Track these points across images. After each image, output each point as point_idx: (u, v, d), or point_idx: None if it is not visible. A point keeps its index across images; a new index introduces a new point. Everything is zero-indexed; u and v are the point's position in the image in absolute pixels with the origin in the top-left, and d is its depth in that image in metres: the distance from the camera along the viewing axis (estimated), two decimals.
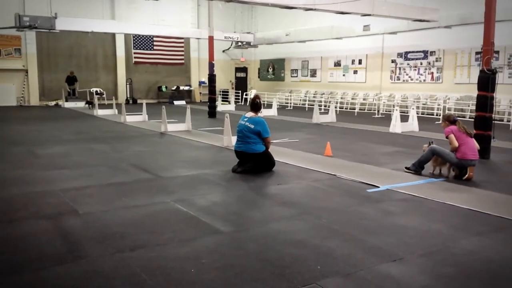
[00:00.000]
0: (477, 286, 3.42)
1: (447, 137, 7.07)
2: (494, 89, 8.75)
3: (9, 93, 23.42)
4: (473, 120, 9.27)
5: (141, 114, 15.81)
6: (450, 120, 7.23)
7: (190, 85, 28.46)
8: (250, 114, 7.48)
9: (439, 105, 17.99)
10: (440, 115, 16.85)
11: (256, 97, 7.69)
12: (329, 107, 16.82)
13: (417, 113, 14.01)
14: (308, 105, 22.38)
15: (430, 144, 7.30)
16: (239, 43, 26.07)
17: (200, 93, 28.40)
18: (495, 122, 9.41)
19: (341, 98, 22.65)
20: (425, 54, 19.76)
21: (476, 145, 7.11)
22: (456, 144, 6.91)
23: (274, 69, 28.85)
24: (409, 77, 20.52)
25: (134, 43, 26.68)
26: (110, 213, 5.12)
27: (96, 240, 4.23)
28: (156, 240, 4.24)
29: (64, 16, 19.10)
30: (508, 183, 6.90)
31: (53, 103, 23.88)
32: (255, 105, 7.54)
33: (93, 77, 25.73)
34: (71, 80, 23.81)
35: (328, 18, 19.30)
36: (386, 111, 19.59)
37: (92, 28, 20.26)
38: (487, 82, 8.70)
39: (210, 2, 17.06)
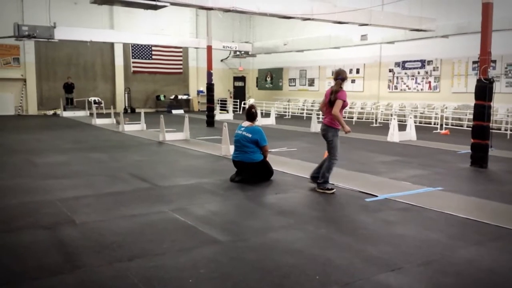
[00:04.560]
0: None
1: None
2: (492, 98, 8.78)
3: (7, 102, 23.40)
4: (470, 129, 9.29)
5: (139, 123, 15.82)
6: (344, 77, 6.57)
7: (188, 94, 28.50)
8: (246, 123, 7.49)
9: (436, 114, 18.03)
10: (437, 124, 16.91)
11: (252, 106, 7.71)
12: None
13: (414, 122, 14.04)
14: (306, 114, 22.42)
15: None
16: (237, 53, 26.16)
17: (198, 102, 28.43)
18: (493, 131, 9.44)
19: None
20: (423, 63, 19.85)
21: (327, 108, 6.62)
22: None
23: (272, 78, 28.93)
24: (407, 86, 20.59)
25: (132, 53, 26.75)
26: (107, 222, 5.10)
27: (94, 250, 4.21)
28: (154, 249, 4.22)
29: (63, 26, 19.16)
30: (505, 192, 6.90)
31: (51, 112, 23.88)
32: (251, 114, 7.56)
33: (92, 86, 25.76)
34: (68, 87, 23.81)
35: (326, 28, 19.40)
36: (384, 120, 19.64)
37: (91, 38, 20.31)
38: (484, 91, 8.72)
39: (208, 12, 17.13)
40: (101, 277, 3.62)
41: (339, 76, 6.51)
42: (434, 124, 17.60)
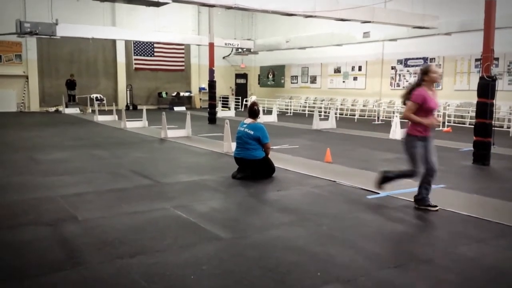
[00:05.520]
0: None
1: None
2: (494, 95, 8.76)
3: (9, 99, 23.46)
4: (473, 126, 9.27)
5: (141, 120, 15.82)
6: None
7: (190, 91, 28.51)
8: (248, 120, 7.49)
9: (439, 111, 17.99)
10: (440, 122, 16.87)
11: (254, 103, 7.71)
12: (329, 113, 16.84)
13: None
14: (308, 111, 22.40)
15: None
16: (239, 50, 26.12)
17: (200, 99, 28.44)
18: (495, 128, 9.41)
19: (341, 104, 22.67)
20: (425, 60, 19.79)
21: None
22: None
23: (274, 76, 28.90)
24: (409, 83, 20.53)
25: (134, 49, 26.75)
26: (109, 219, 5.11)
27: (96, 246, 4.21)
28: (155, 246, 4.23)
29: (65, 23, 19.14)
30: (508, 189, 6.89)
31: (53, 109, 23.91)
32: (253, 111, 7.56)
33: (94, 83, 25.78)
34: (71, 84, 23.86)
35: (328, 25, 19.36)
36: (386, 117, 19.61)
37: (93, 35, 20.32)
38: (487, 88, 8.70)
39: (210, 9, 17.12)
40: (102, 273, 3.63)
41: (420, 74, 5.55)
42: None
